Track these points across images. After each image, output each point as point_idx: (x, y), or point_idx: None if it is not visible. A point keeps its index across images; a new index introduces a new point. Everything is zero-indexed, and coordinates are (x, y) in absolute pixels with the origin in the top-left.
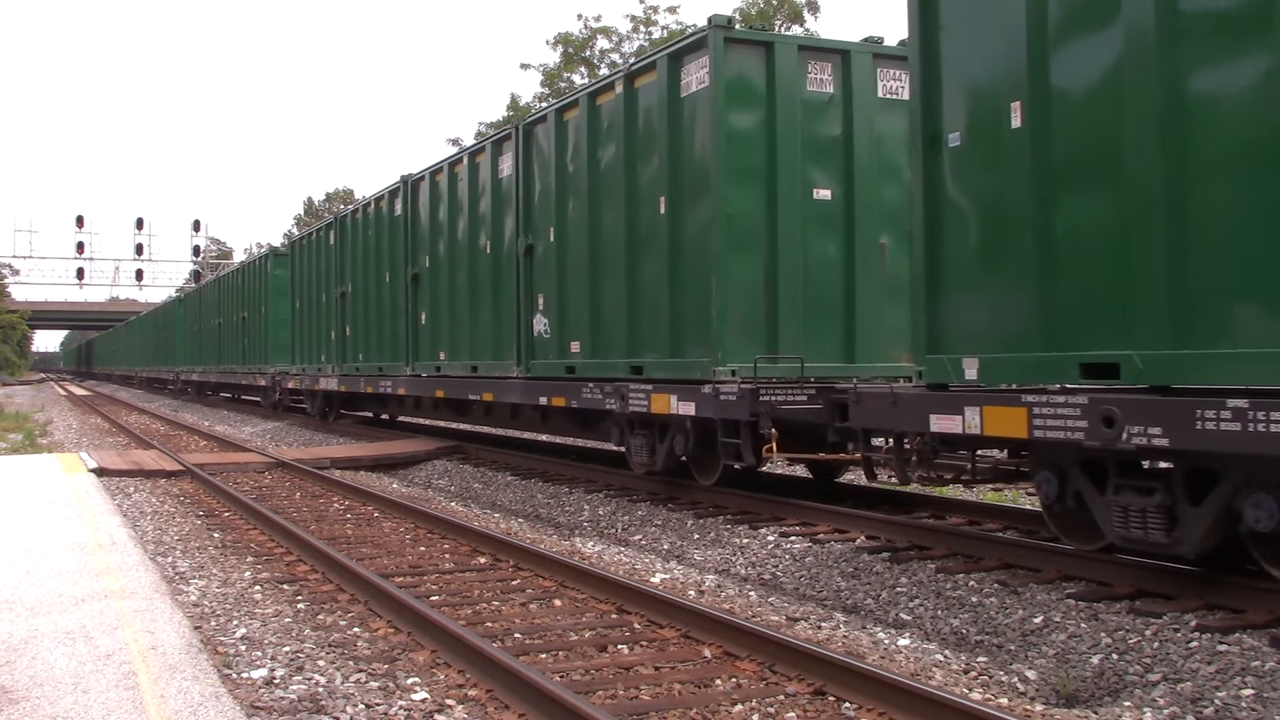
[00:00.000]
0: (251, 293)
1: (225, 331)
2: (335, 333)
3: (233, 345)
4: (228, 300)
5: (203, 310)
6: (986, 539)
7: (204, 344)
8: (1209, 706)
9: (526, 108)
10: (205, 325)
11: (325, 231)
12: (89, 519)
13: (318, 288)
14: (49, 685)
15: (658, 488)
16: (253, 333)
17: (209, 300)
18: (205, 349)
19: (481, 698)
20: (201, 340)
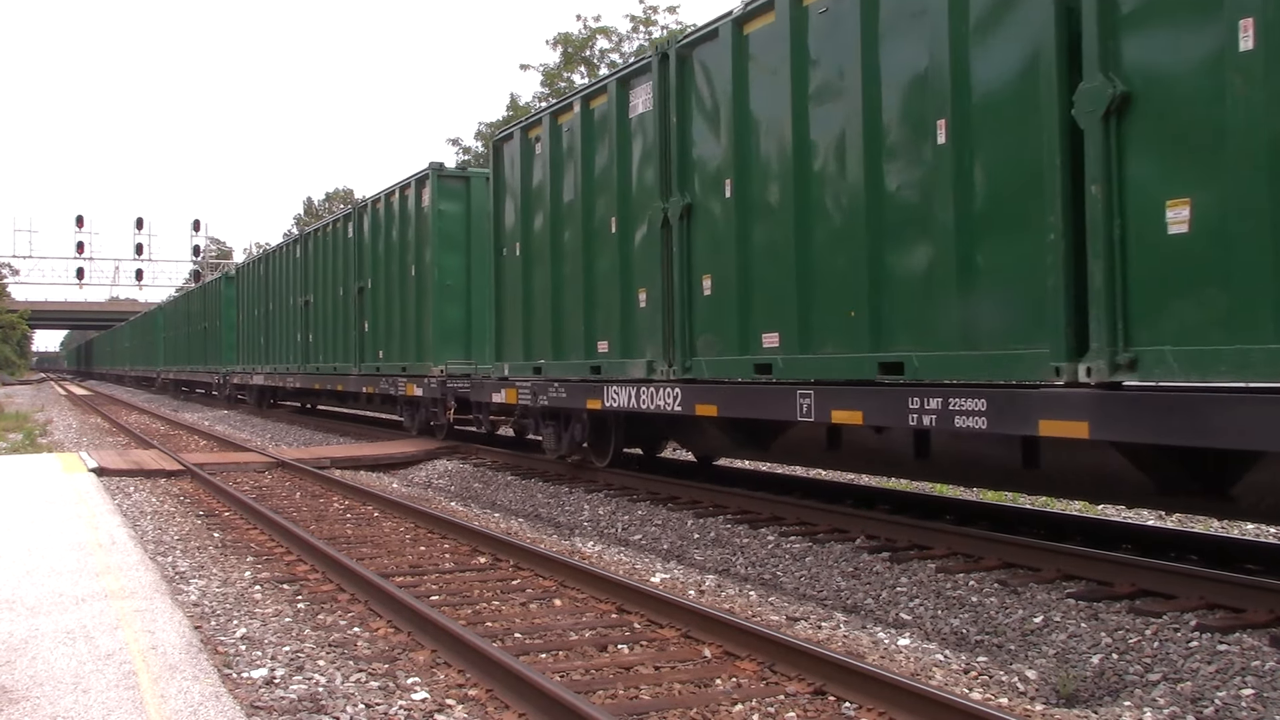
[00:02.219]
0: (211, 304)
1: (193, 338)
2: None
3: (199, 347)
4: (197, 310)
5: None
6: (986, 539)
7: (178, 347)
8: (1209, 706)
9: (526, 107)
10: (180, 330)
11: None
12: (89, 519)
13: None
14: (49, 685)
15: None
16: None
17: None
18: (179, 351)
19: (481, 697)
20: (177, 343)
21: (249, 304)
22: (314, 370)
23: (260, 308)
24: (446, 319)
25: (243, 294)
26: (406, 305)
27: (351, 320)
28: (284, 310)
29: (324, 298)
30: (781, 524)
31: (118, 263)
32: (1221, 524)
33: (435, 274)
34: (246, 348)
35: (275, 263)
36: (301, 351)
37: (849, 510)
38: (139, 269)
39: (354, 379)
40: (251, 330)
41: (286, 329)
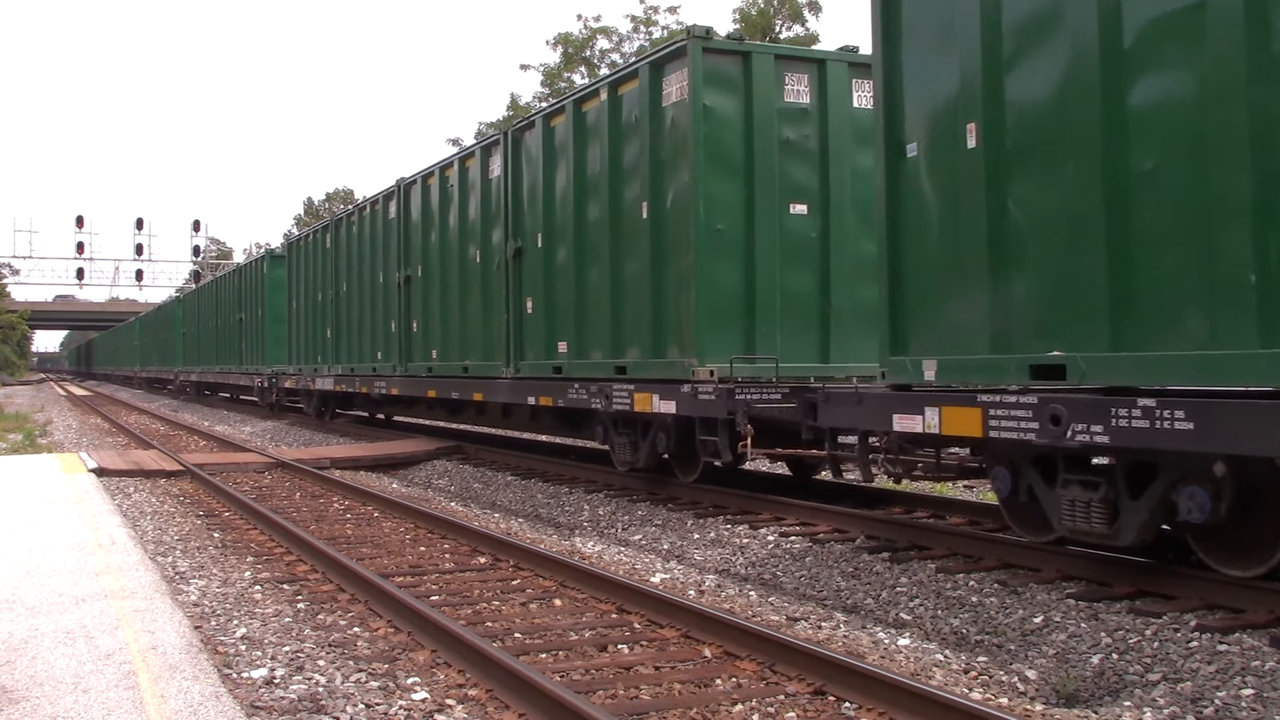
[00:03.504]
0: (250, 290)
1: (222, 332)
2: (331, 331)
3: (232, 343)
4: (229, 298)
5: (201, 312)
6: (986, 539)
7: (202, 344)
8: (1209, 706)
9: (526, 107)
10: (205, 324)
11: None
12: (89, 519)
13: (361, 272)
14: (49, 685)
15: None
16: (252, 330)
17: (208, 299)
18: (204, 348)
19: (482, 697)
20: (201, 339)
21: (307, 287)
22: (425, 372)
23: (325, 291)
24: (719, 286)
25: (298, 275)
26: (628, 268)
27: (496, 299)
28: (367, 292)
29: (440, 270)
30: (781, 524)
31: (118, 263)
32: None
33: (699, 211)
34: (303, 343)
35: (352, 232)
36: (399, 347)
37: (849, 510)
38: (139, 269)
39: (506, 385)
40: (311, 321)
41: (371, 317)
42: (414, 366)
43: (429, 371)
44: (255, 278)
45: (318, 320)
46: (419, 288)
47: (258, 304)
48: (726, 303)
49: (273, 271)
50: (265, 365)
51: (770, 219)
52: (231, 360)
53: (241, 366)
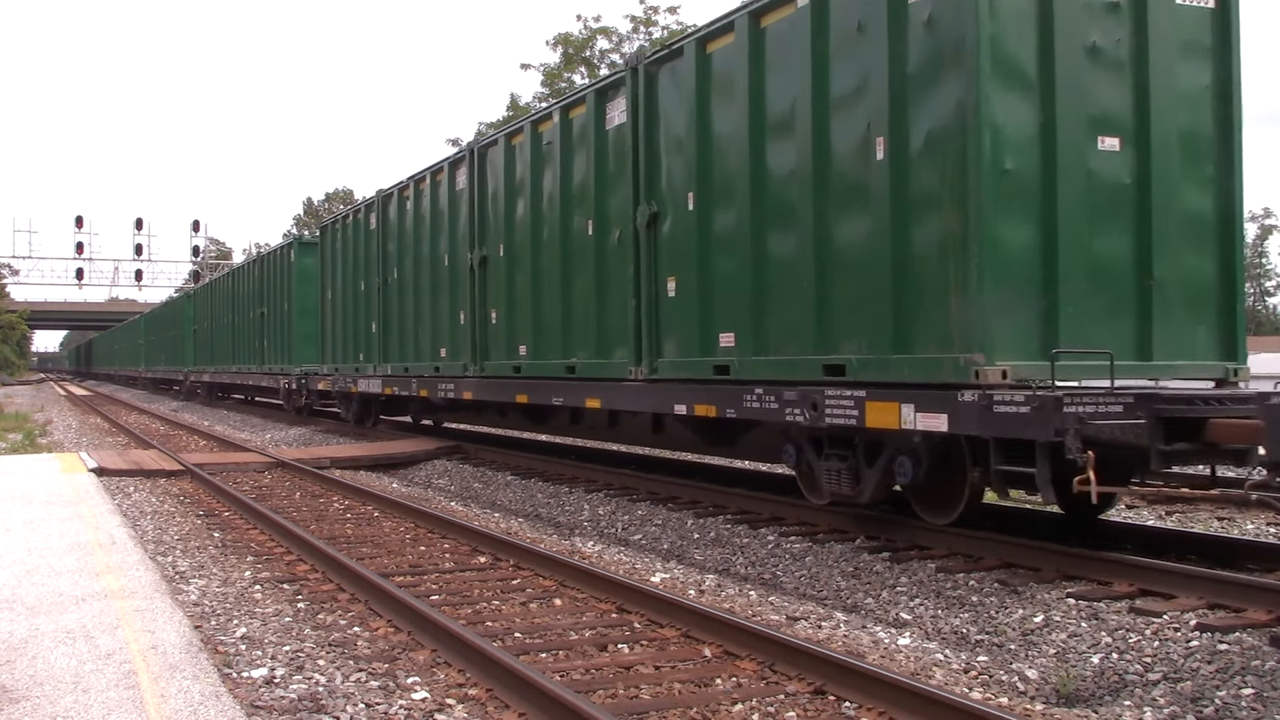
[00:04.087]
0: (275, 281)
1: (241, 329)
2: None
3: (251, 340)
4: (249, 290)
5: (215, 307)
6: (986, 539)
7: (217, 341)
8: (1209, 706)
9: (526, 107)
10: (221, 320)
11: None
12: (89, 519)
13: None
14: (49, 684)
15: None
16: (277, 326)
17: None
18: (219, 346)
19: (482, 697)
20: (215, 336)
21: (347, 276)
22: (512, 373)
23: (370, 279)
24: (1009, 250)
25: (334, 262)
26: (845, 230)
27: (617, 281)
28: (426, 279)
29: (531, 248)
30: (781, 524)
31: (117, 263)
32: (1221, 524)
33: (983, 145)
34: (341, 339)
35: (405, 209)
36: (472, 343)
37: (849, 510)
38: (138, 269)
39: (636, 389)
40: (351, 314)
41: (432, 307)
42: (494, 365)
43: (516, 372)
44: (280, 268)
45: (359, 313)
46: (499, 271)
47: (283, 297)
48: (1019, 274)
49: (302, 260)
50: (293, 364)
51: (1075, 157)
52: (251, 359)
53: (264, 366)
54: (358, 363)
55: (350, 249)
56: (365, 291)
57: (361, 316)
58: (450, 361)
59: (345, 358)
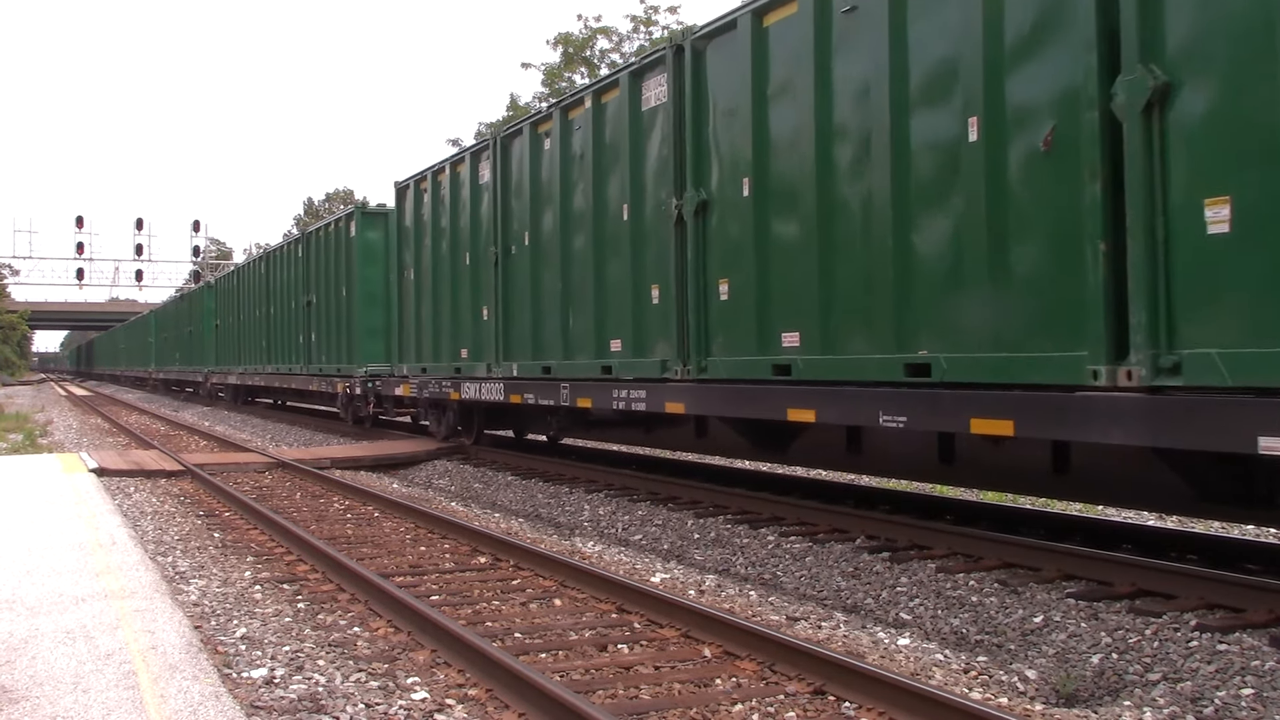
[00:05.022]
0: (328, 262)
1: (279, 322)
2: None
3: (290, 339)
4: (288, 278)
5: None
6: (986, 539)
7: (246, 337)
8: (1209, 706)
9: (526, 107)
10: (250, 312)
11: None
12: (89, 519)
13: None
14: (49, 685)
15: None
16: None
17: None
18: (248, 344)
19: (481, 697)
20: (243, 331)
21: (440, 249)
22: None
23: (481, 249)
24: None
25: (419, 232)
26: None
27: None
28: (585, 243)
29: (818, 187)
30: (781, 524)
31: (118, 263)
32: (1221, 524)
33: None
34: (432, 330)
35: (542, 149)
36: (687, 330)
37: (849, 510)
38: (139, 269)
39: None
40: (446, 297)
41: (595, 283)
42: (741, 365)
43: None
44: (335, 245)
45: (461, 297)
46: (742, 222)
47: (339, 281)
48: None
49: (365, 233)
50: (355, 364)
51: None
52: (293, 358)
53: (311, 366)
54: (459, 361)
55: (447, 212)
56: (473, 267)
57: (465, 301)
58: (639, 359)
59: (438, 355)
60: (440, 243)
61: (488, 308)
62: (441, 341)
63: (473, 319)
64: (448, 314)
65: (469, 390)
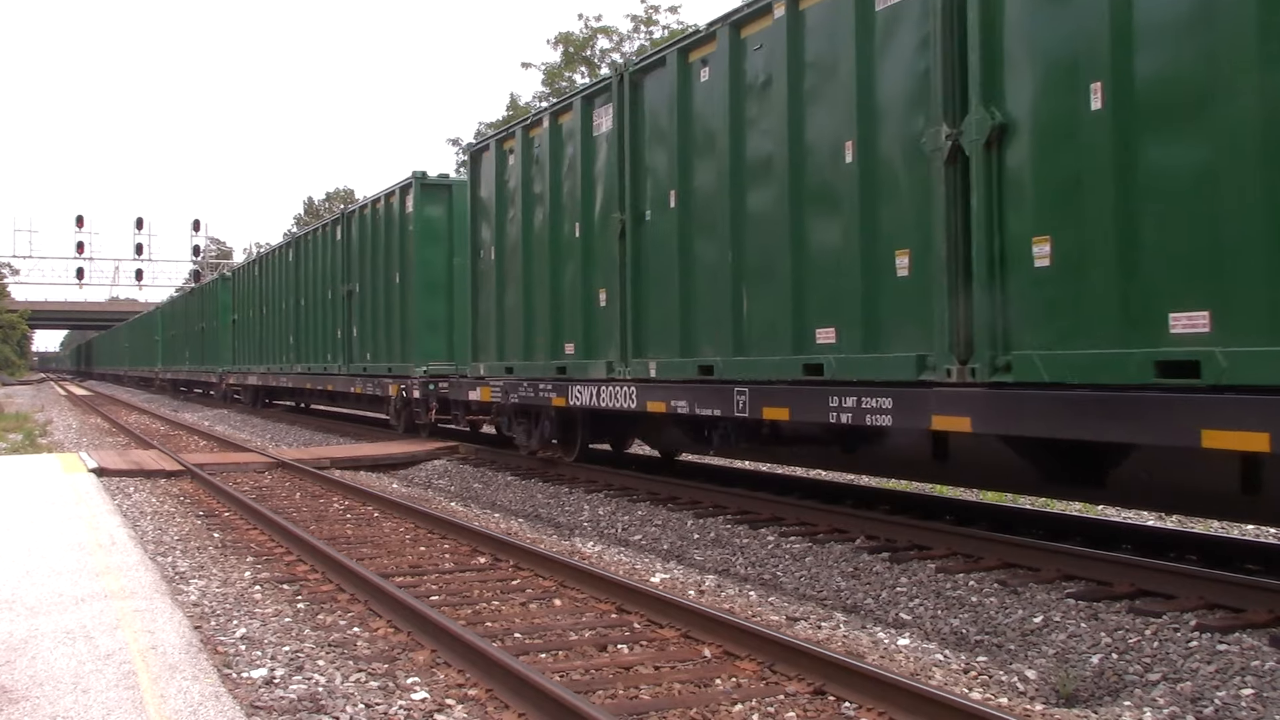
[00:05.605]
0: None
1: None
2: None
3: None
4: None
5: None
6: (986, 539)
7: (268, 336)
8: (1209, 706)
9: (526, 107)
10: (275, 305)
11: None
12: (89, 519)
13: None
14: (49, 685)
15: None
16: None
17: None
18: (271, 343)
19: (481, 697)
20: (263, 331)
21: (533, 218)
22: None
23: (603, 216)
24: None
25: (504, 200)
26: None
27: None
28: (795, 195)
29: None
30: (781, 524)
31: (118, 263)
32: (1221, 524)
33: None
34: (519, 320)
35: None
36: (963, 319)
37: (849, 510)
38: (139, 269)
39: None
40: (539, 279)
41: (792, 247)
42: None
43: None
44: (385, 225)
45: (569, 277)
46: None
47: (390, 265)
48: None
49: (425, 209)
50: (412, 362)
51: None
52: (328, 355)
53: (354, 364)
54: (563, 359)
55: (543, 175)
56: (584, 240)
57: (571, 283)
58: (866, 355)
59: (529, 351)
60: (533, 213)
61: (606, 291)
62: (535, 335)
63: (582, 306)
64: (544, 301)
65: (580, 395)
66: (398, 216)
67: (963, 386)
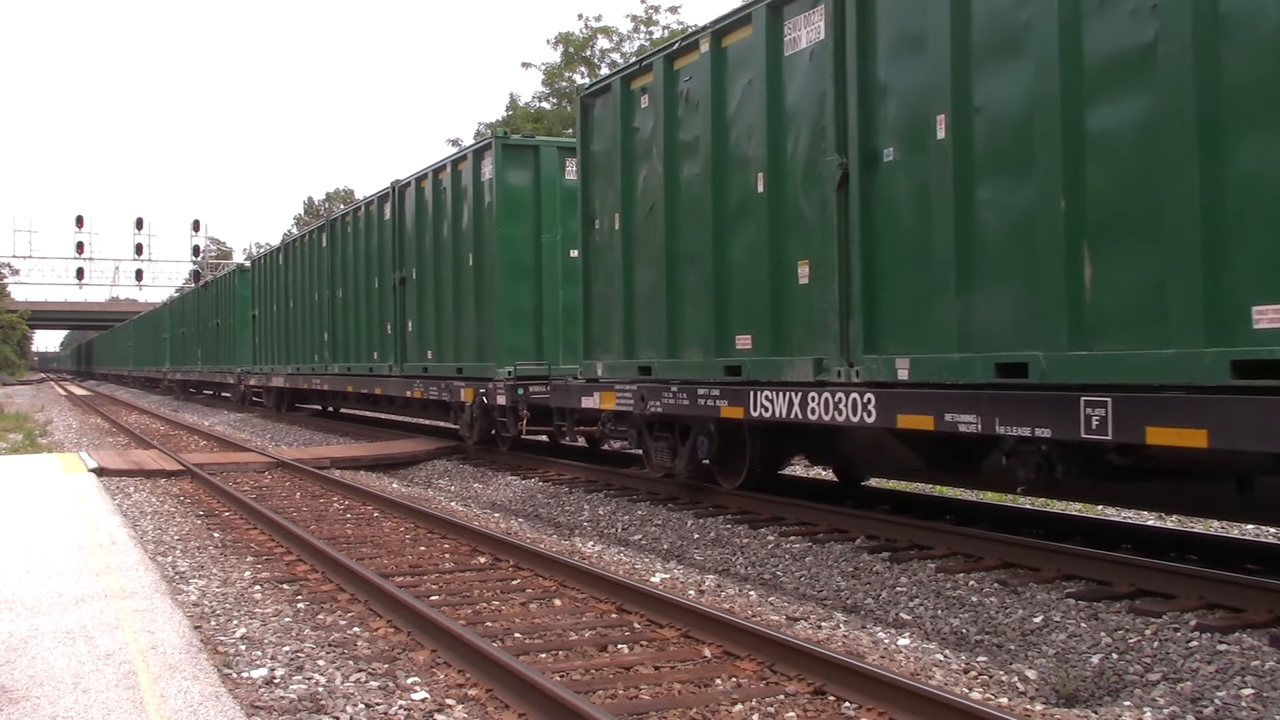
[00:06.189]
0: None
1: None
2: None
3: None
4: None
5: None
6: (986, 539)
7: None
8: (1209, 706)
9: (526, 107)
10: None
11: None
12: (89, 519)
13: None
14: (49, 685)
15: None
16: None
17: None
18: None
19: (481, 697)
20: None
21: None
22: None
23: (815, 155)
24: None
25: (625, 162)
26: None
27: None
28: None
29: None
30: (781, 524)
31: (118, 263)
32: (1221, 524)
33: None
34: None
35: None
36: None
37: (849, 510)
38: (139, 269)
39: None
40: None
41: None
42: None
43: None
44: (453, 197)
45: (744, 246)
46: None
47: (461, 245)
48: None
49: (507, 177)
50: (494, 361)
51: None
52: (373, 354)
53: (409, 364)
54: (735, 356)
55: (702, 115)
56: (775, 194)
57: (753, 254)
58: None
59: (676, 346)
60: (679, 166)
61: (811, 264)
62: (684, 325)
63: (770, 285)
64: (701, 280)
65: (769, 404)
66: (470, 186)
67: None
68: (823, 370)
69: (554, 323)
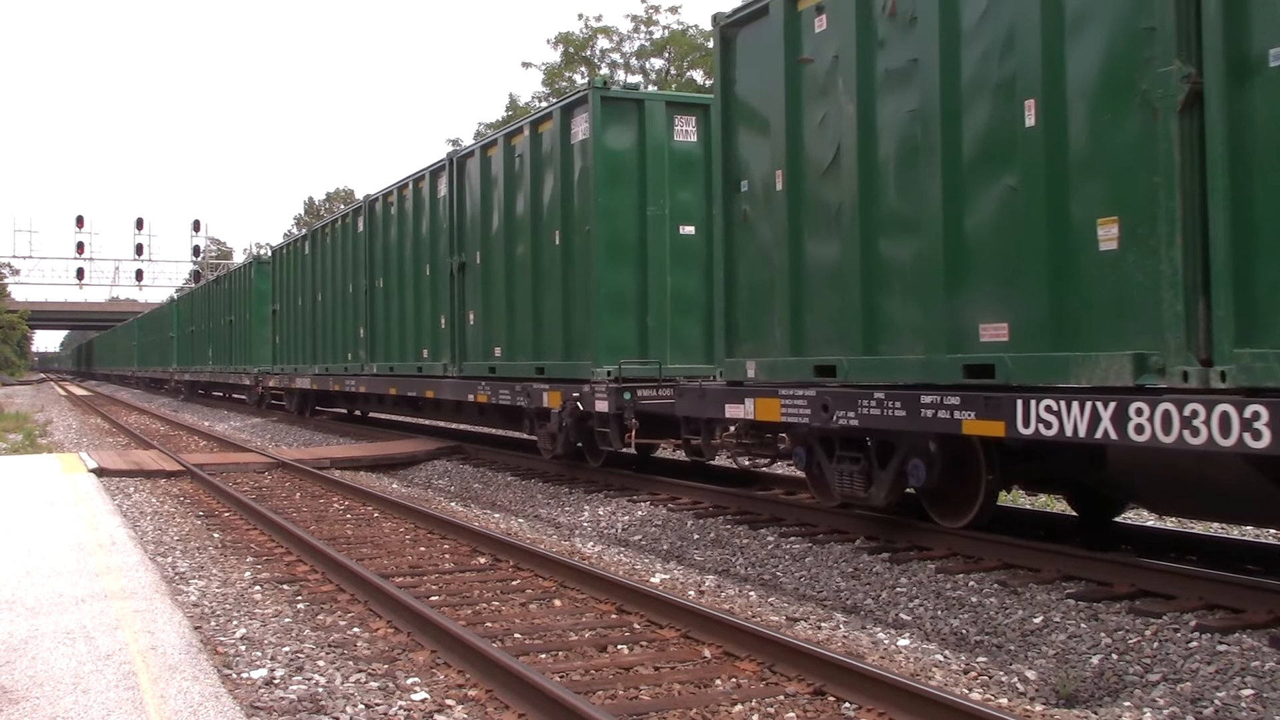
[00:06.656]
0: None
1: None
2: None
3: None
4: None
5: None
6: (986, 539)
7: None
8: (1209, 706)
9: (526, 107)
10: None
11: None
12: (89, 519)
13: None
14: (49, 685)
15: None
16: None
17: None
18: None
19: (481, 698)
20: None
21: (899, 115)
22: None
23: (1157, 63)
24: None
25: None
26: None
27: None
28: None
29: None
30: (781, 524)
31: (118, 263)
32: (1221, 524)
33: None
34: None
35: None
36: None
37: (848, 511)
38: (139, 269)
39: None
40: (868, 232)
41: None
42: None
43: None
44: (532, 163)
45: (991, 208)
46: None
47: (543, 221)
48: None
49: (606, 138)
50: (589, 360)
51: None
52: (421, 353)
53: (469, 363)
54: (988, 351)
55: (927, 21)
56: (1046, 130)
57: (1023, 209)
58: None
59: (875, 339)
60: (880, 103)
61: (1123, 222)
62: (888, 311)
63: (1049, 254)
64: (925, 251)
65: (1053, 418)
66: (556, 151)
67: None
68: (1148, 370)
69: (660, 313)
